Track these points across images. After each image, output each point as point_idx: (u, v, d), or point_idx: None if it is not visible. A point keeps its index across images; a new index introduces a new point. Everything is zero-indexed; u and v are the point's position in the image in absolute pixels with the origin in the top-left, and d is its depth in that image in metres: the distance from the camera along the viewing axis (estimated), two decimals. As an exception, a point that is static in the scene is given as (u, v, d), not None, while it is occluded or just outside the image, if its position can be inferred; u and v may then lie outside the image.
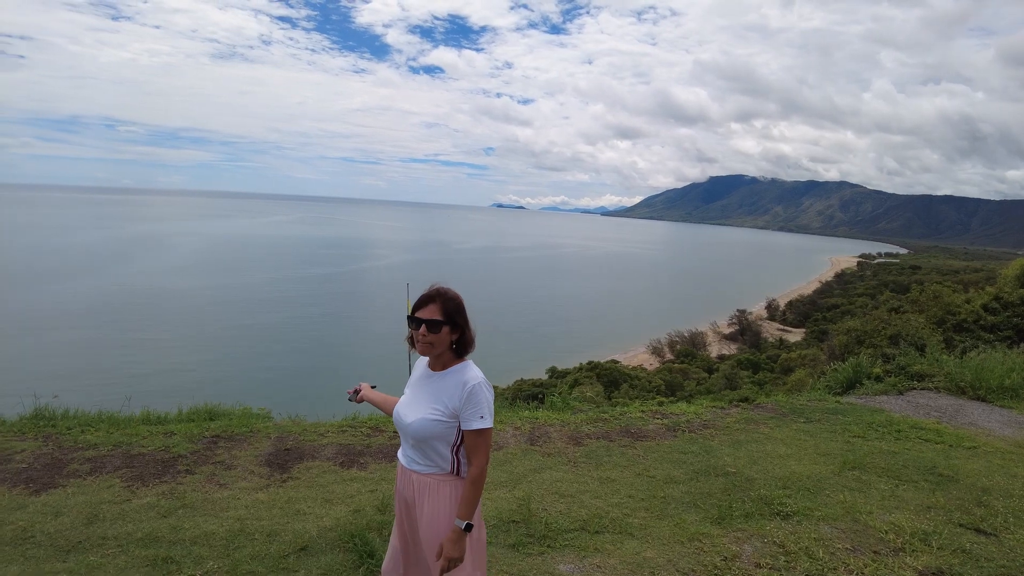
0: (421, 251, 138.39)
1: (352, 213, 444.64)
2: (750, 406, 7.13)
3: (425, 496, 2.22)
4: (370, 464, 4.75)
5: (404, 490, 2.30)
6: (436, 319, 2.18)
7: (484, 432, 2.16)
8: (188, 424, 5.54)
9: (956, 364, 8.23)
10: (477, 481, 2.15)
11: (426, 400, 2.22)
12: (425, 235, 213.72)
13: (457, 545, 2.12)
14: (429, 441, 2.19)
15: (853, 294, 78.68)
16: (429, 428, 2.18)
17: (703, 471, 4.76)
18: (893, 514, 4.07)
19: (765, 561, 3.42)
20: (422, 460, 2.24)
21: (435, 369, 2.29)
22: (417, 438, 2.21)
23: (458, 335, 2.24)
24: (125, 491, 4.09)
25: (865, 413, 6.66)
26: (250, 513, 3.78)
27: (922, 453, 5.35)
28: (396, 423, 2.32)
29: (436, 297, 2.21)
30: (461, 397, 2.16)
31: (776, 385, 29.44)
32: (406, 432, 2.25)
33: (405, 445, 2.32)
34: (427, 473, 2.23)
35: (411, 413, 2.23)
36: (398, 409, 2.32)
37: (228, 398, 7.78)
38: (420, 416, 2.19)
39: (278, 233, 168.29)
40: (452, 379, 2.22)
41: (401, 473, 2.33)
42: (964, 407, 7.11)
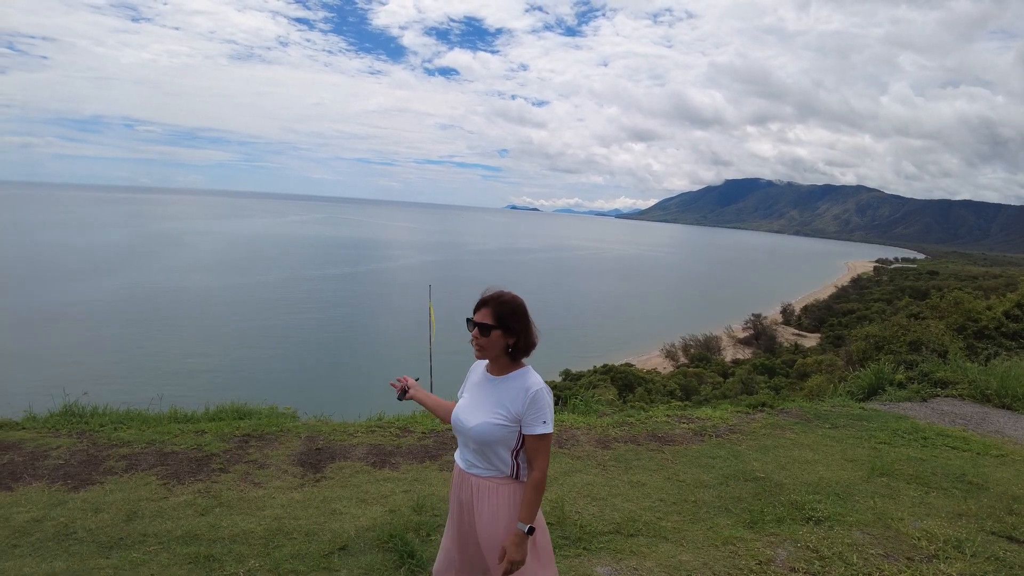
0: (437, 252, 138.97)
1: (367, 214, 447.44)
2: (775, 411, 7.11)
3: (484, 499, 2.24)
4: (401, 464, 4.80)
5: (462, 493, 2.32)
6: (487, 323, 2.21)
7: (546, 437, 2.19)
8: (218, 423, 5.63)
9: (980, 372, 8.15)
10: (539, 485, 2.18)
11: (488, 404, 2.25)
12: (440, 236, 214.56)
13: (520, 548, 2.15)
14: (491, 445, 2.21)
15: (869, 299, 77.87)
16: (492, 432, 2.19)
17: (732, 476, 4.77)
18: (924, 521, 4.06)
19: (800, 566, 3.43)
20: (482, 464, 2.26)
21: (494, 374, 2.32)
22: (479, 442, 2.22)
23: (514, 340, 2.25)
24: (162, 489, 4.17)
25: (890, 420, 6.62)
26: (287, 512, 3.84)
27: (950, 461, 5.32)
28: (456, 427, 2.33)
29: (489, 301, 2.25)
30: (524, 402, 2.18)
31: (793, 390, 29.20)
32: (467, 436, 2.26)
33: (464, 449, 2.34)
34: (487, 476, 2.26)
35: (473, 417, 2.25)
36: (458, 413, 2.33)
37: (251, 396, 7.89)
38: (483, 420, 2.22)
39: (295, 233, 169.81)
40: (514, 384, 2.24)
41: (459, 476, 2.35)
42: (990, 415, 7.04)
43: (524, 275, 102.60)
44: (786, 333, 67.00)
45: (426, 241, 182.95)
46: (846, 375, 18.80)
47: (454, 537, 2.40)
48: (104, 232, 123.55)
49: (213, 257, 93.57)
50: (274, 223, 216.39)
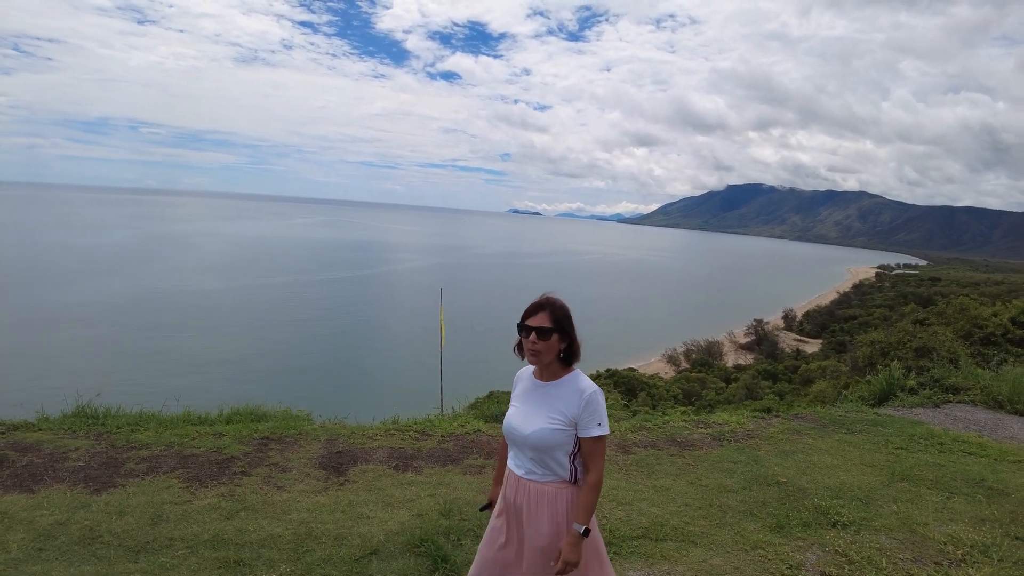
0: (442, 255, 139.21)
1: (371, 217, 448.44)
2: (790, 416, 7.11)
3: (544, 505, 2.23)
4: (424, 468, 4.80)
5: (517, 499, 2.30)
6: (546, 326, 2.22)
7: (601, 439, 2.21)
8: (236, 425, 5.63)
9: (992, 378, 8.14)
10: (596, 487, 2.21)
11: (543, 410, 2.25)
12: (445, 239, 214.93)
13: (575, 549, 2.16)
14: (549, 451, 2.22)
15: (871, 306, 77.81)
16: (550, 437, 2.20)
17: (755, 480, 4.77)
18: (949, 526, 4.06)
19: (830, 570, 3.43)
20: (540, 469, 2.26)
21: (544, 379, 2.32)
22: (537, 448, 2.22)
23: (567, 344, 2.28)
24: (185, 492, 4.17)
25: (905, 425, 6.61)
26: (313, 516, 3.84)
27: (968, 466, 5.31)
28: (510, 435, 2.33)
29: (546, 305, 2.26)
30: (579, 405, 2.20)
31: (797, 396, 29.18)
32: (524, 443, 2.26)
33: (520, 456, 2.32)
34: (546, 482, 2.25)
35: (528, 424, 2.25)
36: (511, 422, 2.33)
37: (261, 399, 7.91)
38: (540, 426, 2.22)
39: (300, 235, 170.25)
40: (567, 388, 2.26)
41: (515, 483, 2.32)
42: (1003, 421, 7.03)
43: (528, 279, 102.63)
44: (788, 339, 66.98)
45: (430, 244, 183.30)
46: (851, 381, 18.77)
47: (499, 545, 2.37)
48: (110, 233, 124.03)
49: (219, 259, 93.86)
50: (279, 225, 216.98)
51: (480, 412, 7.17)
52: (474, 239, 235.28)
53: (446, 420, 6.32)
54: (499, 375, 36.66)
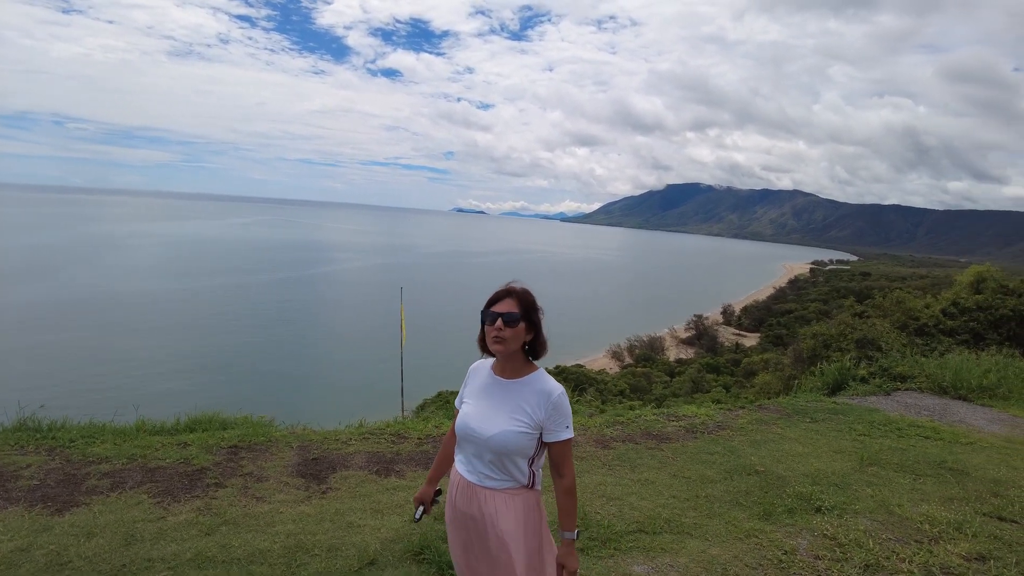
0: (386, 255, 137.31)
1: (313, 216, 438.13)
2: (755, 407, 7.32)
3: (503, 512, 2.09)
4: (407, 472, 4.68)
5: (467, 507, 2.14)
6: (514, 312, 2.05)
7: (569, 442, 2.10)
8: (200, 434, 5.35)
9: (937, 365, 8.62)
10: (572, 491, 2.11)
11: (505, 410, 2.08)
12: (388, 239, 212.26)
13: (573, 557, 2.07)
14: (510, 455, 2.06)
15: (806, 300, 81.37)
16: (514, 441, 2.04)
17: (734, 471, 4.87)
18: (921, 506, 4.25)
19: (823, 553, 3.53)
20: (498, 474, 2.10)
21: (506, 376, 2.15)
22: (498, 451, 2.06)
23: (532, 336, 2.13)
24: (156, 508, 3.92)
25: (863, 413, 6.90)
26: (300, 527, 3.68)
27: (927, 449, 5.59)
28: (466, 436, 2.13)
29: (513, 292, 2.11)
30: (547, 408, 2.05)
31: (743, 388, 30.19)
32: (485, 446, 2.07)
33: (475, 460, 2.13)
34: (504, 488, 2.10)
35: (490, 425, 2.07)
36: (468, 422, 2.13)
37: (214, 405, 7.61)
38: (503, 428, 2.05)
39: (240, 235, 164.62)
40: (532, 388, 2.10)
41: (465, 489, 2.15)
42: (949, 406, 7.44)
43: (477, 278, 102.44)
44: (727, 333, 69.35)
45: (374, 243, 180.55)
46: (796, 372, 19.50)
47: (460, 555, 2.24)
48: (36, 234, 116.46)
49: (158, 261, 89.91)
50: (218, 225, 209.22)
51: (452, 413, 7.08)
52: (420, 238, 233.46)
53: (420, 422, 6.20)
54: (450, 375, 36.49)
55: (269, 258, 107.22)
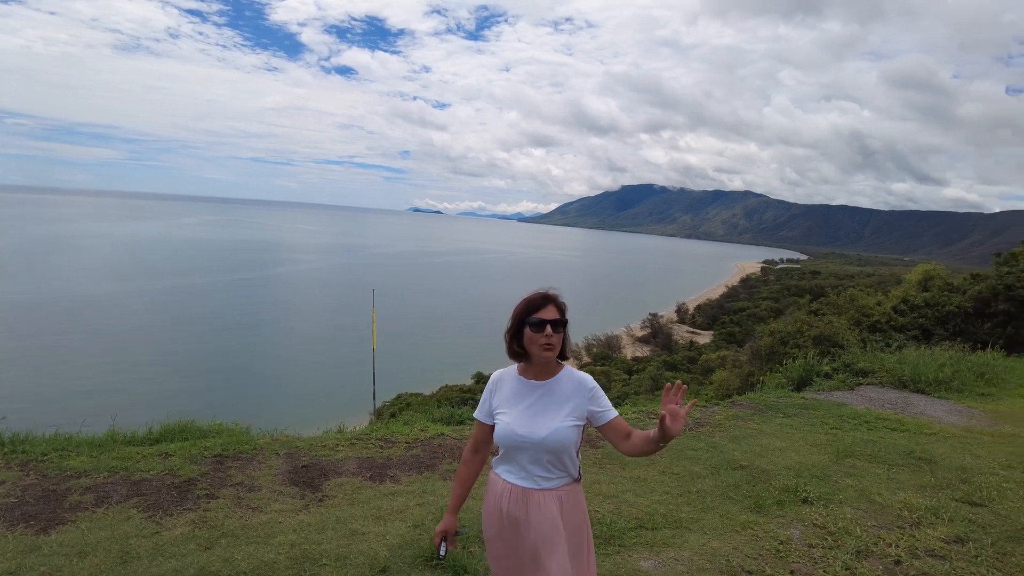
0: (342, 255, 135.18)
1: (266, 215, 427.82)
2: (729, 403, 7.55)
3: (558, 511, 2.11)
4: (402, 477, 4.67)
5: (521, 512, 2.11)
6: (559, 319, 2.12)
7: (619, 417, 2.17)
8: (182, 444, 5.22)
9: (896, 360, 9.04)
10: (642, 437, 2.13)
11: (552, 409, 2.12)
12: (344, 239, 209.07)
13: None
14: (567, 450, 2.11)
15: (758, 298, 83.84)
16: (568, 435, 2.09)
17: (720, 466, 5.02)
18: (899, 494, 4.48)
19: (816, 541, 3.69)
20: (555, 473, 2.12)
21: (541, 378, 2.18)
22: (555, 450, 2.09)
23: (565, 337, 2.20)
24: (149, 523, 3.80)
25: (832, 407, 7.20)
26: (303, 537, 3.63)
27: (896, 440, 5.88)
28: (514, 444, 2.12)
29: (554, 299, 2.17)
30: (588, 397, 2.12)
31: (702, 385, 30.88)
32: (539, 448, 2.08)
33: (530, 465, 2.12)
34: (559, 487, 2.13)
35: (540, 427, 2.09)
36: (514, 430, 2.12)
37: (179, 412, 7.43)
38: (556, 426, 2.08)
39: (192, 236, 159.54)
40: (568, 383, 2.16)
41: (519, 496, 2.12)
42: (910, 399, 7.83)
43: (434, 279, 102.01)
44: (681, 331, 70.91)
45: (330, 244, 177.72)
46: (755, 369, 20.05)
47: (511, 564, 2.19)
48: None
49: (108, 263, 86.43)
50: (168, 226, 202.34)
51: (429, 415, 7.06)
52: (376, 238, 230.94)
53: (405, 426, 6.18)
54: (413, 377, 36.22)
55: (224, 259, 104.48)
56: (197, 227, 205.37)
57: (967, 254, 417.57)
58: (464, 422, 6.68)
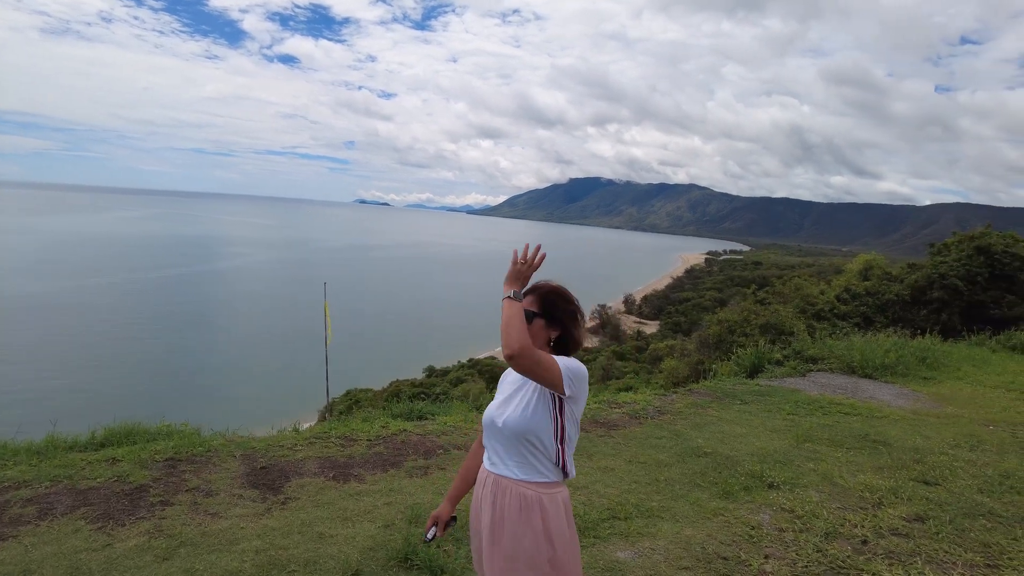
0: (286, 249, 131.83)
1: (207, 208, 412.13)
2: (686, 391, 7.67)
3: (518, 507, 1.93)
4: (366, 476, 4.52)
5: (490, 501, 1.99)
6: (530, 310, 1.99)
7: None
8: (129, 448, 4.92)
9: (844, 347, 9.39)
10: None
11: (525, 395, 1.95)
12: (288, 232, 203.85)
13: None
14: (530, 433, 1.91)
15: (702, 288, 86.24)
16: (533, 419, 1.91)
17: (685, 453, 5.08)
18: (858, 476, 4.62)
19: (786, 525, 3.76)
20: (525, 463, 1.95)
21: None
22: (517, 434, 1.92)
23: (558, 332, 2.03)
24: (99, 535, 3.54)
25: (787, 394, 7.40)
26: (268, 543, 3.45)
27: (851, 424, 6.08)
28: (487, 426, 2.04)
29: (537, 288, 2.06)
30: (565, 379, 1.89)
31: (653, 374, 31.51)
32: (503, 431, 1.95)
33: (499, 450, 2.01)
34: (529, 482, 1.94)
35: (508, 410, 1.96)
36: (488, 412, 2.04)
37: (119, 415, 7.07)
38: (521, 409, 1.92)
39: (127, 231, 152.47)
40: None
41: (491, 485, 2.00)
42: (859, 384, 8.13)
43: (383, 273, 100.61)
44: (629, 321, 72.31)
45: (272, 237, 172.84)
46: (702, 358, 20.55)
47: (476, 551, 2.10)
48: None
49: (37, 259, 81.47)
50: (102, 220, 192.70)
51: (390, 411, 6.92)
52: (320, 232, 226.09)
53: (366, 424, 6.01)
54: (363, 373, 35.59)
55: (160, 254, 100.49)
56: (133, 221, 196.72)
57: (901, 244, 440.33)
58: (425, 417, 6.57)
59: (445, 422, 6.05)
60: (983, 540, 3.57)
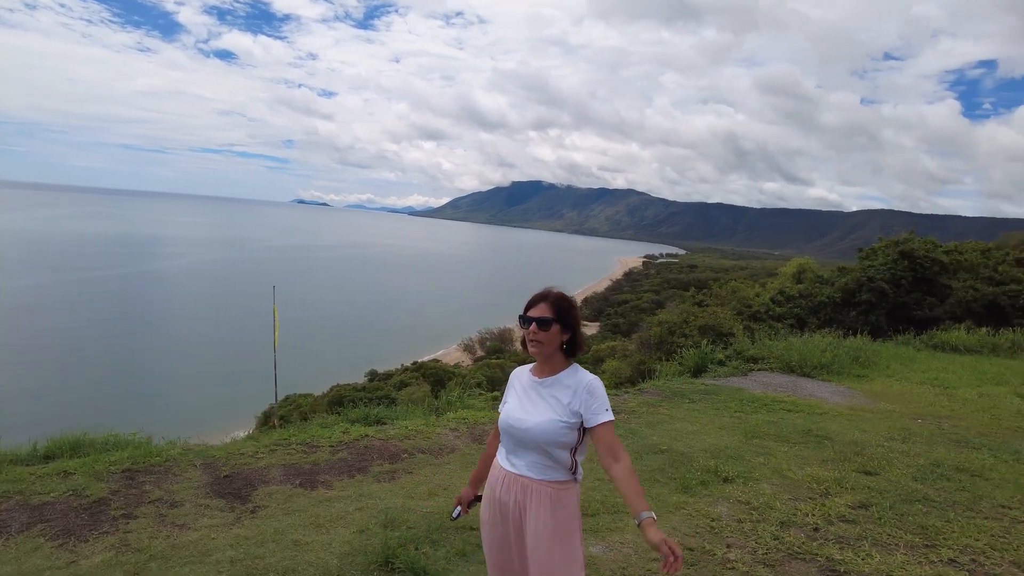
0: (225, 249, 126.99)
1: (141, 207, 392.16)
2: (637, 390, 7.94)
3: (539, 504, 2.14)
4: (334, 482, 4.51)
5: (508, 498, 2.19)
6: (546, 316, 2.16)
7: (612, 424, 2.15)
8: (82, 460, 4.73)
9: (783, 348, 9.90)
10: (632, 471, 2.10)
11: (545, 403, 2.16)
12: (225, 232, 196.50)
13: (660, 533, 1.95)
14: (552, 445, 2.12)
15: (640, 291, 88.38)
16: (554, 430, 2.11)
17: (642, 451, 5.28)
18: (805, 469, 4.94)
19: (743, 516, 4.01)
20: (541, 466, 2.16)
21: (544, 375, 2.23)
22: (540, 441, 2.13)
23: (569, 335, 2.21)
24: (62, 552, 3.39)
25: (732, 392, 7.77)
26: (243, 552, 3.41)
27: (794, 420, 6.47)
28: (508, 429, 2.21)
29: (547, 296, 2.21)
30: (582, 395, 2.13)
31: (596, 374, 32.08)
32: (526, 436, 2.14)
33: (519, 452, 2.20)
34: (548, 480, 2.15)
35: (530, 417, 2.15)
36: (512, 414, 2.20)
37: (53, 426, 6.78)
38: (545, 418, 2.12)
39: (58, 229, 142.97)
40: (567, 381, 2.19)
41: (508, 482, 2.20)
42: (798, 383, 8.60)
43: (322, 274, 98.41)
44: (569, 323, 73.09)
45: (210, 237, 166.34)
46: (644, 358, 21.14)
47: (496, 552, 2.26)
48: None
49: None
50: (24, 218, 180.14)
51: (346, 416, 6.87)
52: (259, 231, 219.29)
53: (326, 430, 5.95)
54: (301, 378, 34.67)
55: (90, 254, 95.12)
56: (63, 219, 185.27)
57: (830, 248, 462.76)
58: (383, 422, 6.56)
59: (406, 426, 6.07)
60: (921, 523, 3.92)
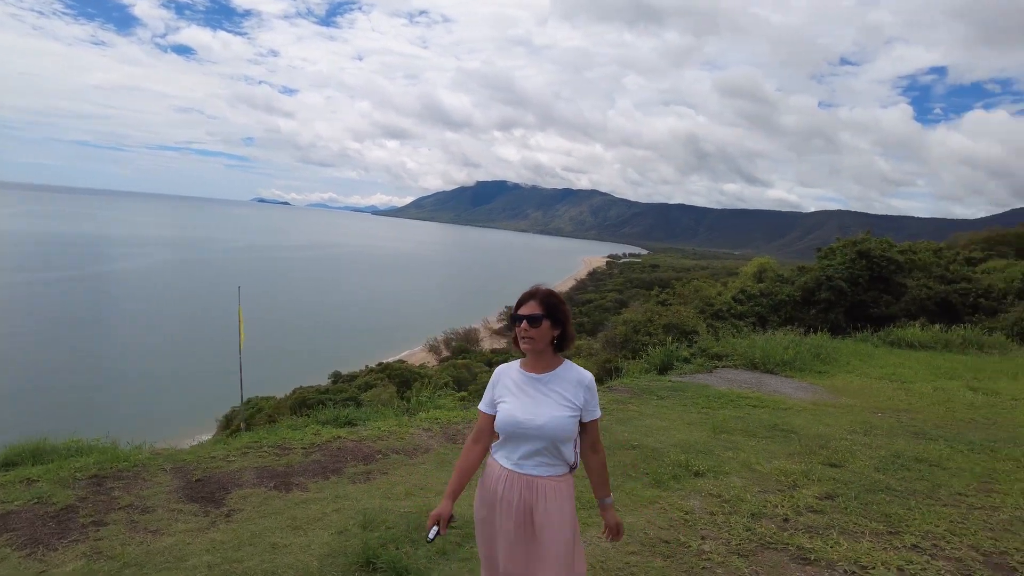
0: (185, 249, 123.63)
1: (95, 206, 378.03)
2: (606, 388, 8.05)
3: (548, 498, 2.22)
4: (309, 484, 4.48)
5: (514, 497, 2.22)
6: (536, 313, 2.22)
7: (598, 420, 2.38)
8: (46, 467, 4.59)
9: (747, 345, 10.16)
10: (605, 462, 2.47)
11: (550, 399, 2.23)
12: (185, 231, 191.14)
13: (615, 515, 2.53)
14: (562, 440, 2.22)
15: (604, 290, 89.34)
16: (565, 425, 2.21)
17: (614, 446, 5.37)
18: (773, 462, 5.10)
19: (715, 509, 4.12)
20: (550, 461, 2.24)
21: (538, 371, 2.29)
22: (552, 438, 2.20)
23: (559, 331, 2.28)
24: (30, 561, 3.29)
25: (698, 389, 7.94)
26: (220, 557, 3.36)
27: (760, 416, 6.66)
28: (514, 430, 2.24)
29: (536, 294, 2.27)
30: (584, 392, 2.26)
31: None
32: (537, 435, 2.20)
33: (527, 451, 2.24)
34: (556, 476, 2.25)
35: (539, 414, 2.20)
36: (515, 416, 2.23)
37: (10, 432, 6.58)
38: (554, 415, 2.20)
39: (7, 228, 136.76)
40: (567, 377, 2.28)
41: (514, 481, 2.24)
42: (762, 379, 8.84)
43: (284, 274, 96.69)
44: (535, 322, 73.49)
45: (169, 236, 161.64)
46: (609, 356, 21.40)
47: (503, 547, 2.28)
48: None
49: None
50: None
51: (317, 418, 6.81)
52: (219, 231, 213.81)
53: (297, 432, 5.89)
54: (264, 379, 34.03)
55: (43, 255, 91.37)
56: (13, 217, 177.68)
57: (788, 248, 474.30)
58: (354, 423, 6.52)
59: (379, 427, 6.05)
60: (884, 512, 4.10)
